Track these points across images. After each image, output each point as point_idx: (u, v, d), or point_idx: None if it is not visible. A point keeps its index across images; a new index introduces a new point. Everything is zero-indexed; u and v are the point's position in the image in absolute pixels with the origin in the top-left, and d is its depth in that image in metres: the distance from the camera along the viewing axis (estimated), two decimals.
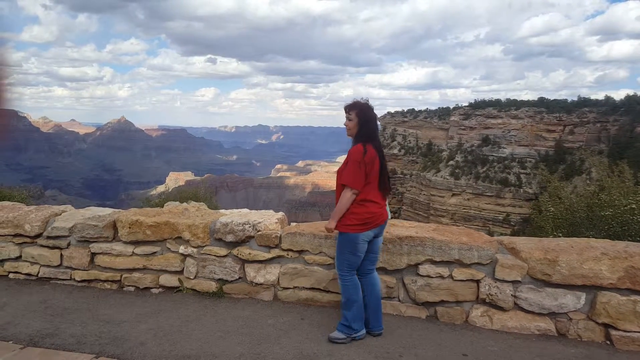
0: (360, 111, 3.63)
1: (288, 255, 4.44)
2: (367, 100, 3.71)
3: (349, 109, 3.66)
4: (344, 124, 3.69)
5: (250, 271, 4.51)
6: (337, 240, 3.76)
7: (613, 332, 3.68)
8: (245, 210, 5.29)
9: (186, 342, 3.65)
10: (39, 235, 4.96)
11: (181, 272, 4.71)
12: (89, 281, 4.88)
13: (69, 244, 4.90)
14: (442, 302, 4.09)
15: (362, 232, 3.58)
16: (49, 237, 4.93)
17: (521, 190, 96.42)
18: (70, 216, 5.11)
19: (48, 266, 4.95)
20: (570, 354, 3.56)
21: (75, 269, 4.89)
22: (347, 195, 3.53)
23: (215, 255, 4.58)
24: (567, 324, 3.82)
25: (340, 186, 3.62)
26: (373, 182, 3.61)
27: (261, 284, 4.50)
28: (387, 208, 3.83)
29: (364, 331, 3.75)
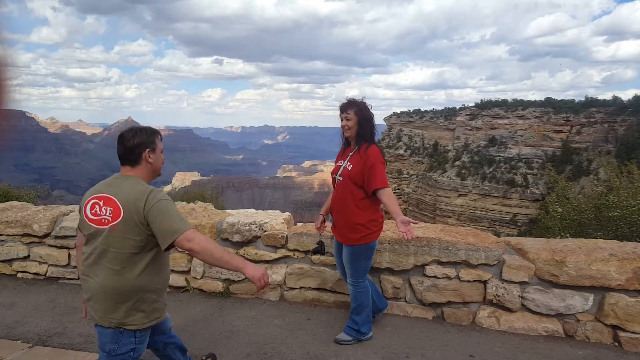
0: (358, 109, 3.46)
1: (294, 255, 4.44)
2: (364, 99, 3.55)
3: (347, 107, 3.48)
4: (342, 125, 3.51)
5: None
6: (349, 253, 3.56)
7: (621, 334, 3.66)
8: (252, 210, 5.29)
9: (193, 341, 3.65)
10: (47, 235, 5.00)
11: (188, 272, 4.72)
12: None
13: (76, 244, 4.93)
14: (448, 303, 4.08)
15: (379, 236, 3.59)
16: (57, 237, 4.96)
17: (528, 190, 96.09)
18: (78, 216, 5.14)
19: (56, 266, 4.99)
20: (578, 355, 3.54)
21: None
22: (392, 194, 3.40)
23: None
24: (575, 325, 3.80)
25: (356, 189, 3.43)
26: None
27: (267, 284, 4.50)
28: None
29: (371, 334, 3.74)
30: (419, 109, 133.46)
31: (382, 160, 3.42)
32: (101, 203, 2.32)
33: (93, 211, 2.35)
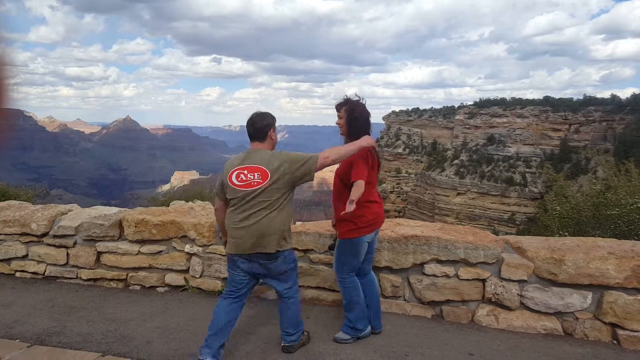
0: (348, 108, 3.53)
1: None
2: (361, 98, 3.58)
3: (339, 107, 3.57)
4: (336, 123, 3.61)
5: None
6: (337, 246, 3.66)
7: (620, 332, 3.66)
8: None
9: (192, 340, 3.65)
10: (45, 234, 4.99)
11: (187, 271, 4.72)
12: (95, 280, 4.90)
13: (75, 243, 4.92)
14: (447, 302, 4.08)
15: (367, 234, 3.52)
16: (55, 236, 4.95)
17: (526, 189, 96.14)
18: (77, 215, 5.13)
19: (54, 265, 4.98)
20: (577, 353, 3.54)
21: (81, 267, 4.91)
22: (362, 184, 3.30)
23: (220, 254, 4.58)
24: (574, 323, 3.81)
25: (341, 187, 3.52)
26: (373, 182, 3.57)
27: (267, 283, 4.50)
28: None
29: (369, 329, 3.74)
30: (418, 108, 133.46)
31: (362, 155, 3.42)
32: (245, 172, 3.14)
33: (239, 179, 3.14)
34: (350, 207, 3.11)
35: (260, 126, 3.24)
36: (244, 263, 3.23)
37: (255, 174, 3.11)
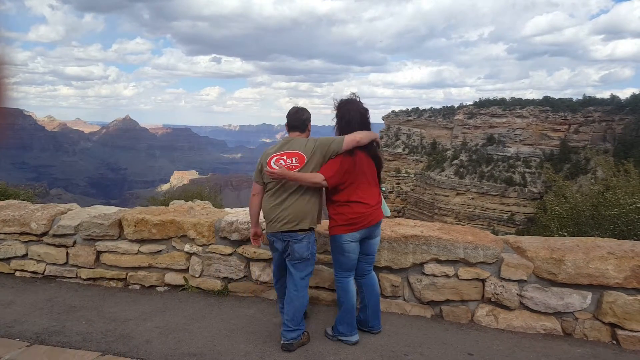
0: (337, 109, 3.68)
1: None
2: (356, 97, 3.67)
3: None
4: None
5: (256, 270, 4.52)
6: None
7: (619, 332, 3.66)
8: None
9: (191, 340, 3.66)
10: (45, 234, 4.98)
11: (186, 270, 4.72)
12: (95, 279, 4.90)
13: (74, 243, 4.92)
14: (447, 301, 4.08)
15: (346, 233, 3.48)
16: (55, 236, 4.95)
17: (526, 189, 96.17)
18: (76, 215, 5.13)
19: (54, 264, 4.98)
20: (576, 353, 3.55)
21: (81, 267, 4.91)
22: (316, 176, 3.38)
23: (220, 254, 4.58)
24: (573, 323, 3.81)
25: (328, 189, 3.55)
26: (359, 181, 3.51)
27: (266, 283, 4.50)
28: (385, 207, 3.76)
29: (353, 338, 3.63)
30: (417, 108, 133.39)
31: (338, 160, 3.46)
32: (285, 157, 3.46)
33: (279, 164, 3.43)
34: (274, 168, 3.38)
35: (303, 119, 3.63)
36: (278, 243, 3.54)
37: (293, 158, 3.43)
